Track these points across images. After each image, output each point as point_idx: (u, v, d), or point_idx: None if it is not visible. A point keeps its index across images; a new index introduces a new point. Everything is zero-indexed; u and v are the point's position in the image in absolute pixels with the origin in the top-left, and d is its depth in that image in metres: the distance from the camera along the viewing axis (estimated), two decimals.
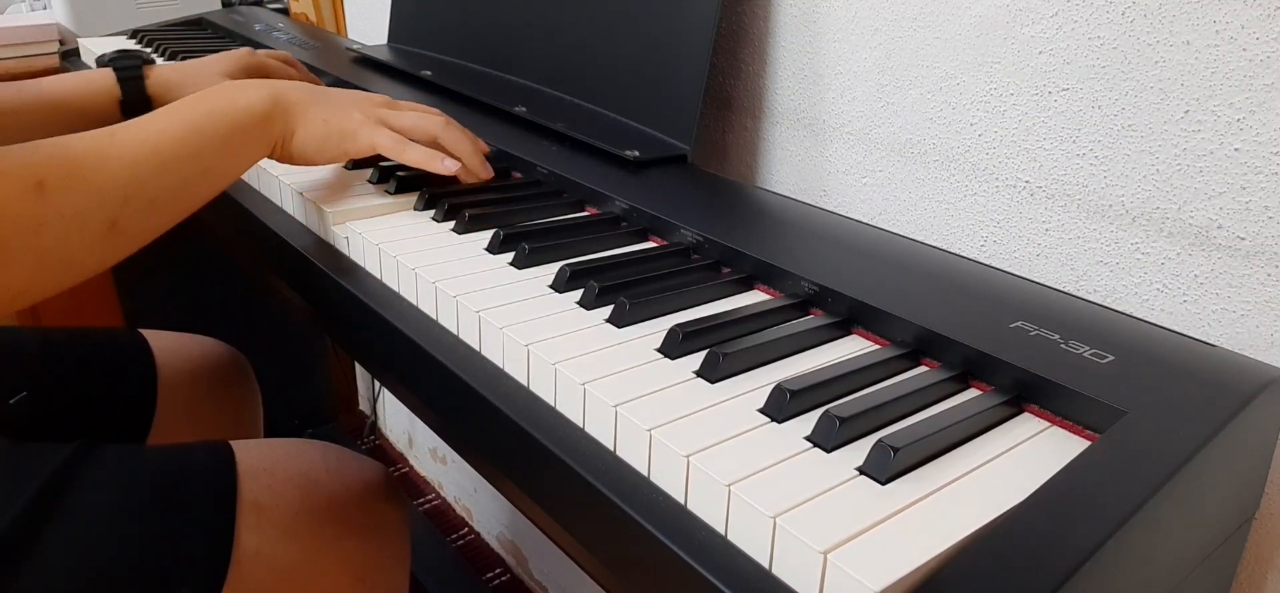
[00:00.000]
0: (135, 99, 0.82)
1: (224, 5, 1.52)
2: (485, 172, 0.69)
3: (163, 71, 0.84)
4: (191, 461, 0.65)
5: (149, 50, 1.14)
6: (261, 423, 1.00)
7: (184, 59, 1.00)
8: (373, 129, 0.65)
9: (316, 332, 1.58)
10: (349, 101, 0.66)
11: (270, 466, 0.67)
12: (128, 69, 0.82)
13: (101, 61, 0.83)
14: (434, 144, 0.67)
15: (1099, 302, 0.53)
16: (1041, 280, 0.56)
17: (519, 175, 0.73)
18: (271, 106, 0.62)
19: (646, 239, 0.62)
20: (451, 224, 0.61)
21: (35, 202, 0.49)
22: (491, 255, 0.57)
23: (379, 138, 0.65)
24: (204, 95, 0.61)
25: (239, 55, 0.88)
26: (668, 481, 0.38)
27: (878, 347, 0.48)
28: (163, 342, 0.89)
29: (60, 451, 0.60)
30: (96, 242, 0.53)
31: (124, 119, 0.82)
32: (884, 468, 0.36)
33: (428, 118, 0.67)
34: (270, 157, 0.64)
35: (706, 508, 0.37)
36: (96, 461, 0.61)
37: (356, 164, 0.73)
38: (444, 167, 0.65)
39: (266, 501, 0.64)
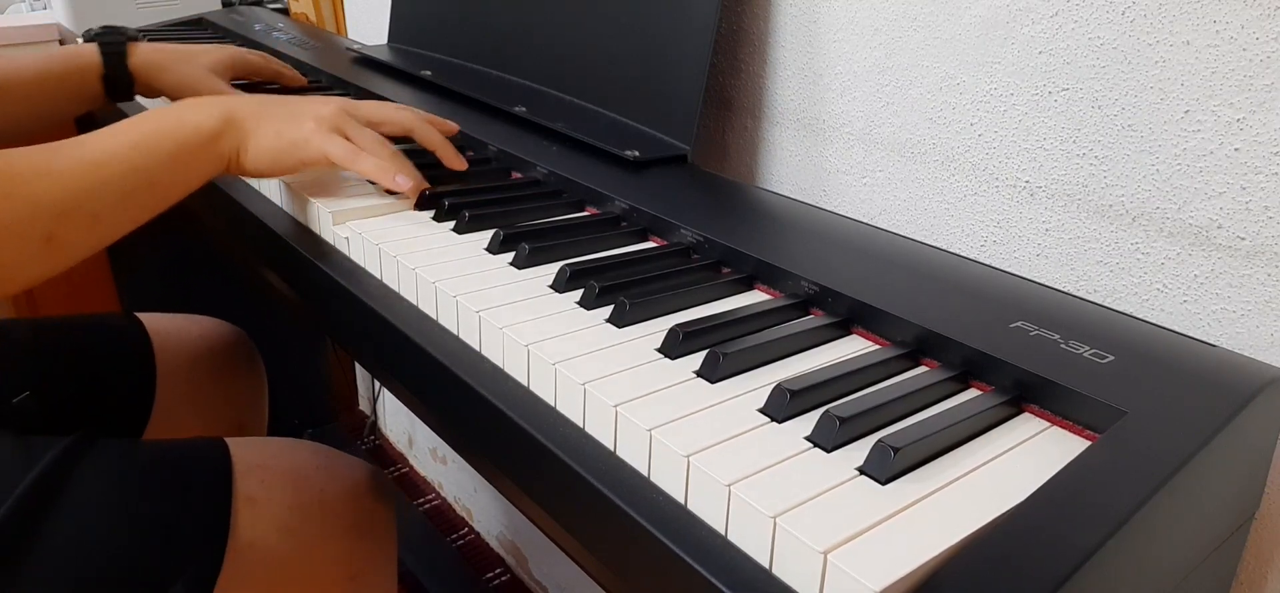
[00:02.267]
0: (118, 74, 0.82)
1: (224, 5, 1.52)
2: (441, 172, 0.67)
3: (148, 51, 0.84)
4: (187, 454, 0.66)
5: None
6: (266, 406, 1.00)
7: None
8: (325, 138, 0.63)
9: (316, 331, 1.58)
10: (304, 110, 0.65)
11: (264, 461, 0.68)
12: (112, 44, 0.82)
13: (87, 36, 0.83)
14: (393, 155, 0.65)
15: (1099, 302, 0.53)
16: (1041, 280, 0.56)
17: (519, 175, 0.73)
18: (221, 124, 0.62)
19: (646, 239, 0.62)
20: (451, 224, 0.61)
21: None
22: (491, 255, 0.57)
23: (330, 147, 0.63)
24: (154, 113, 0.60)
25: (228, 51, 0.88)
26: (668, 480, 0.38)
27: (878, 347, 0.48)
28: (160, 325, 0.89)
29: (58, 442, 0.60)
30: (33, 254, 0.53)
31: (107, 94, 0.83)
32: (884, 468, 0.36)
33: (382, 141, 0.65)
34: (226, 172, 0.64)
35: (706, 508, 0.37)
36: (94, 452, 0.62)
37: None
38: (396, 184, 0.64)
39: (260, 495, 0.65)
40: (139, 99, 0.88)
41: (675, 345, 0.46)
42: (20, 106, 0.78)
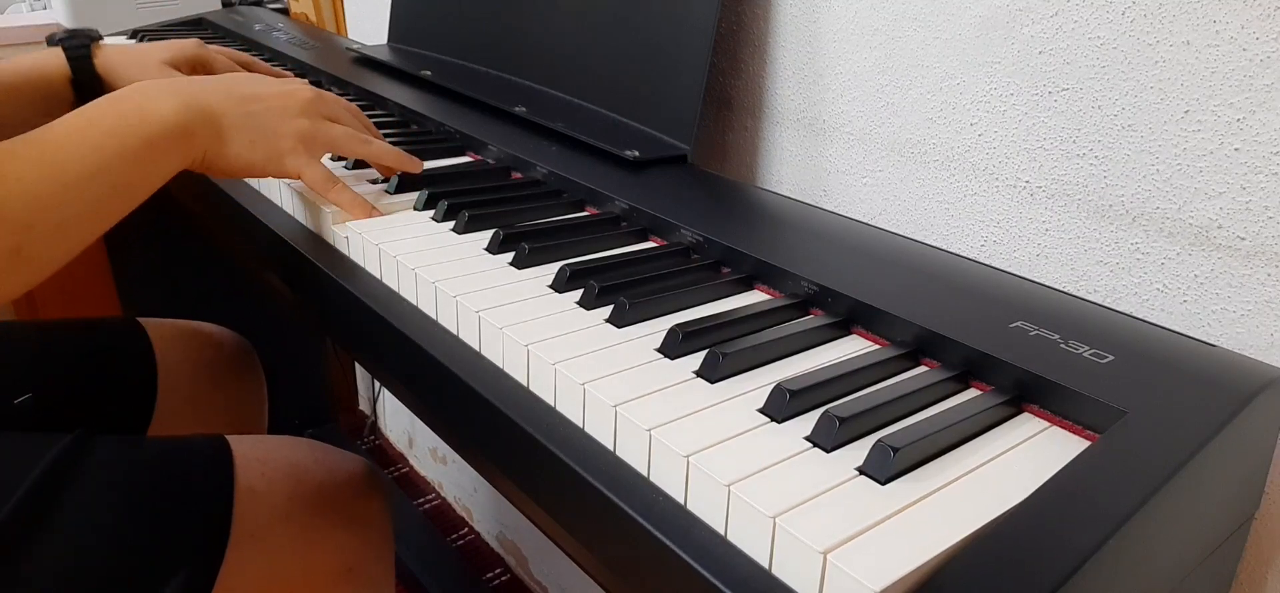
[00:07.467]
0: (85, 78, 0.82)
1: (224, 5, 1.52)
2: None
3: (109, 52, 0.83)
4: (190, 448, 0.66)
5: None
6: (266, 410, 1.00)
7: None
8: (304, 162, 0.62)
9: (316, 331, 1.58)
10: (279, 114, 0.62)
11: (263, 455, 0.68)
12: (76, 48, 0.81)
13: (51, 41, 0.83)
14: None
15: (1099, 302, 0.53)
16: (1041, 280, 0.56)
17: (519, 175, 0.73)
18: (189, 116, 0.58)
19: (646, 239, 0.62)
20: (451, 224, 0.61)
21: None
22: (491, 255, 0.57)
23: (308, 173, 0.62)
24: (110, 105, 0.57)
25: (184, 45, 0.86)
26: (667, 480, 0.38)
27: (878, 347, 0.48)
28: (161, 330, 0.89)
29: (60, 438, 0.61)
30: (1, 270, 0.50)
31: (76, 97, 0.81)
32: (884, 468, 0.36)
33: (355, 138, 0.66)
34: (191, 168, 0.61)
35: (706, 508, 0.37)
36: (96, 447, 0.62)
37: (357, 163, 0.73)
38: (370, 214, 0.63)
39: (261, 487, 0.66)
40: None
41: (675, 345, 0.46)
42: None
